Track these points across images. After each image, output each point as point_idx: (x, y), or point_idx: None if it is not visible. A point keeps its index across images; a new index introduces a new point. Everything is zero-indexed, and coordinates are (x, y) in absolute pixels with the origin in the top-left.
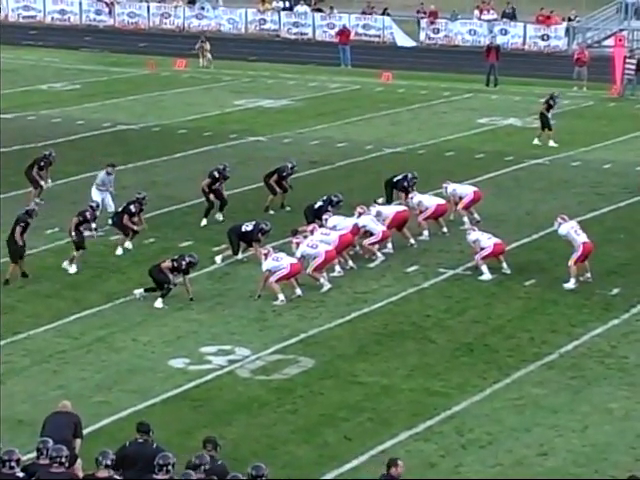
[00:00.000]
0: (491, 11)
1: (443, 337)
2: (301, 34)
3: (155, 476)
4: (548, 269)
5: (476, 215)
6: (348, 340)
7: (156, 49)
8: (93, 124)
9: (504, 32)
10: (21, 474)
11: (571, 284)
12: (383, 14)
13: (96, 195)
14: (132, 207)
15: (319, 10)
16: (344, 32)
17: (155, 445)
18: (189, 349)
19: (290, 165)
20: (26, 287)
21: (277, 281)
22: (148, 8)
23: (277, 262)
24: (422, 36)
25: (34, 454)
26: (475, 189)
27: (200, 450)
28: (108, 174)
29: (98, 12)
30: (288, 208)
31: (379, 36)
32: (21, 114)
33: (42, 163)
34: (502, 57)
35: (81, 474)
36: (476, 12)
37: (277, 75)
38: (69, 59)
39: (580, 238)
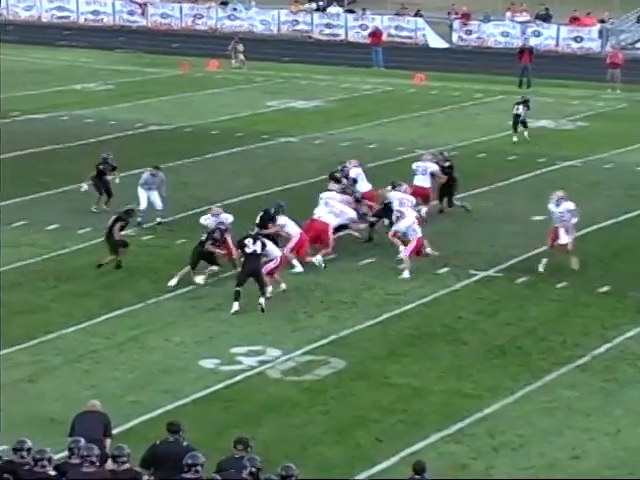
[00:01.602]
0: (523, 13)
1: (475, 339)
2: (333, 35)
3: (184, 475)
4: (580, 271)
5: None
6: (379, 341)
7: (189, 50)
8: (125, 125)
9: (537, 34)
10: (53, 473)
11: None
12: (416, 15)
13: (142, 194)
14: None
15: (351, 11)
16: (376, 33)
17: (186, 444)
18: (220, 350)
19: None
20: (59, 287)
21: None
22: (181, 9)
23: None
24: (455, 38)
25: (66, 453)
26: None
27: (230, 451)
28: (152, 175)
29: (131, 13)
30: None
31: (412, 37)
32: (54, 114)
33: (102, 167)
34: (535, 59)
35: None
36: (508, 14)
37: (309, 76)
38: (103, 59)
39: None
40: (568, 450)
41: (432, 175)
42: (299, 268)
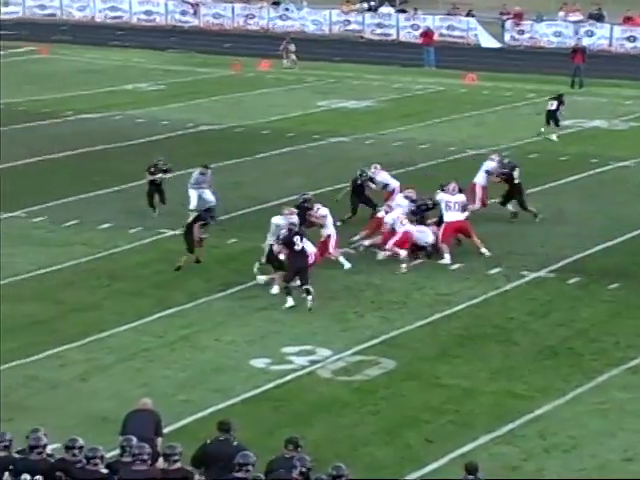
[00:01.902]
0: (576, 12)
1: (526, 340)
2: (385, 35)
3: (235, 474)
4: (632, 273)
5: None
6: (430, 342)
7: (240, 50)
8: (177, 124)
9: (590, 34)
10: (105, 471)
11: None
12: (467, 15)
13: (192, 194)
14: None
15: (403, 11)
16: (428, 33)
17: (236, 443)
18: (271, 349)
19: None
20: (111, 286)
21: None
22: (233, 9)
23: None
24: (507, 37)
25: (117, 452)
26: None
27: (281, 450)
28: (202, 174)
29: (183, 13)
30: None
31: (463, 37)
32: (106, 114)
33: (152, 169)
34: (588, 59)
35: None
36: (561, 13)
37: (361, 76)
38: (155, 59)
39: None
40: (620, 452)
41: (488, 173)
42: (347, 264)
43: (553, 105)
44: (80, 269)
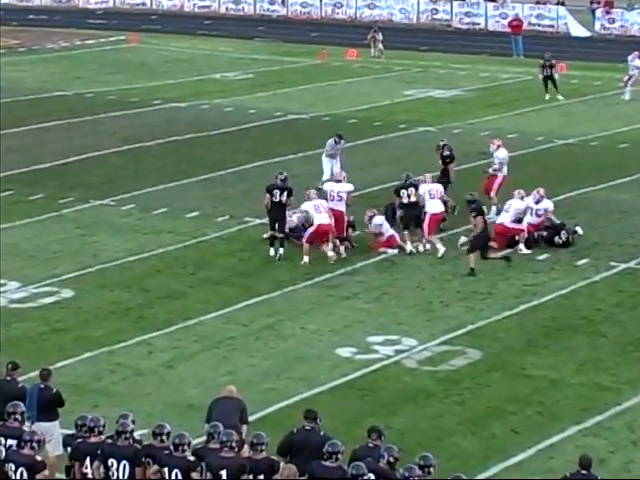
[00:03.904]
0: None
1: (614, 332)
2: (473, 24)
3: (324, 463)
4: None
5: None
6: (516, 333)
7: (328, 39)
8: (264, 113)
9: None
10: (192, 458)
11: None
12: (557, 4)
13: (326, 164)
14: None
15: (492, 0)
16: (517, 22)
17: (322, 433)
18: (356, 338)
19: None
20: (197, 274)
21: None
22: None
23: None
24: (597, 26)
25: (202, 439)
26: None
27: (365, 439)
28: (336, 143)
29: (271, 2)
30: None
31: (553, 26)
32: (194, 103)
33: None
34: None
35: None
36: None
37: (448, 65)
38: (242, 49)
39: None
40: None
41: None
42: (442, 250)
43: (547, 72)
44: (167, 257)
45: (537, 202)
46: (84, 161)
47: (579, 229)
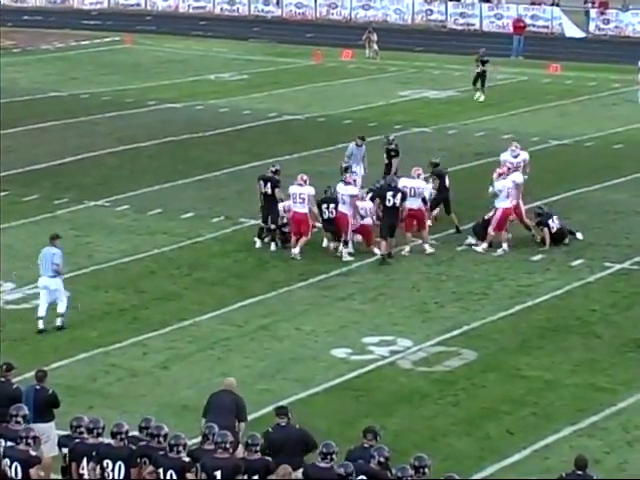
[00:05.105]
0: None
1: (609, 332)
2: (468, 25)
3: (318, 464)
4: None
5: None
6: (511, 333)
7: (323, 40)
8: (259, 114)
9: None
10: (187, 459)
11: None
12: (552, 5)
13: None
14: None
15: (487, 0)
16: (520, 22)
17: (298, 427)
18: (351, 339)
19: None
20: (192, 275)
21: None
22: None
23: None
24: (592, 27)
25: (197, 440)
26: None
27: (360, 440)
28: (357, 146)
29: (266, 3)
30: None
31: (548, 27)
32: (189, 104)
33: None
34: None
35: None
36: None
37: (443, 66)
38: (237, 49)
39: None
40: None
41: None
42: (429, 250)
43: (479, 68)
44: (162, 258)
45: (515, 157)
46: (79, 162)
47: (579, 235)
